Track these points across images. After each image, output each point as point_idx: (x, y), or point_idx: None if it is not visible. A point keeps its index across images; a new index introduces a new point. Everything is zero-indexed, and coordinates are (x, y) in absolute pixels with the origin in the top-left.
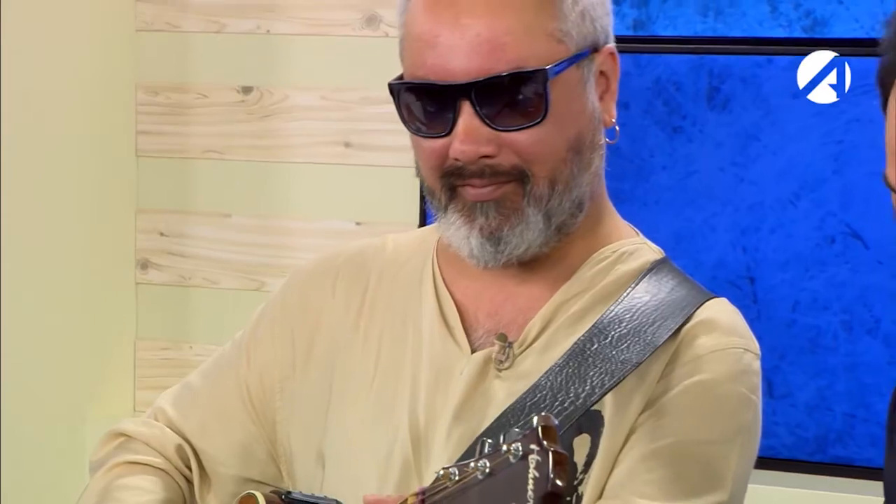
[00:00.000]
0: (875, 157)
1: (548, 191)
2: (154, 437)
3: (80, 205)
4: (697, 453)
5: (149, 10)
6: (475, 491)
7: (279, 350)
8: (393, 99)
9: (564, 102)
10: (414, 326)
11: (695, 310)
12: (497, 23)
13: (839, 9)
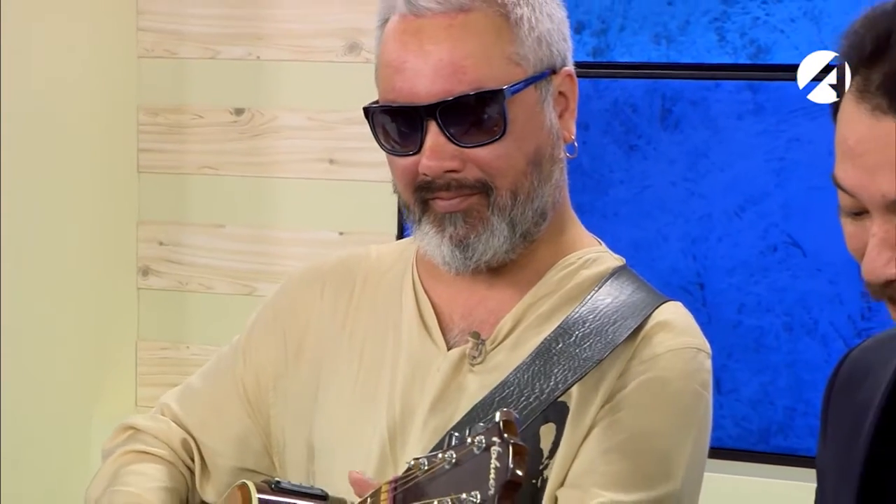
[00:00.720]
0: (813, 173)
1: (510, 201)
2: (161, 430)
3: (87, 216)
4: (653, 446)
5: (149, 38)
6: (442, 479)
7: (272, 351)
8: (368, 121)
9: (523, 120)
10: (395, 327)
11: (652, 311)
12: (458, 48)
13: (780, 37)
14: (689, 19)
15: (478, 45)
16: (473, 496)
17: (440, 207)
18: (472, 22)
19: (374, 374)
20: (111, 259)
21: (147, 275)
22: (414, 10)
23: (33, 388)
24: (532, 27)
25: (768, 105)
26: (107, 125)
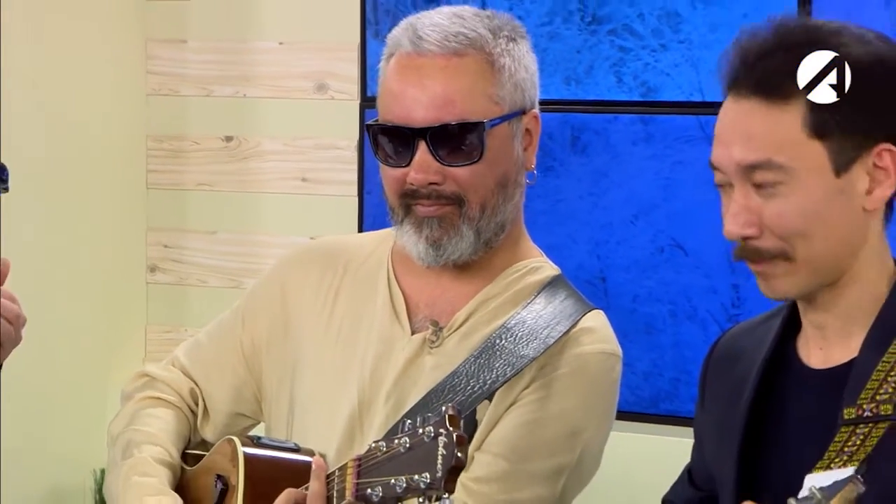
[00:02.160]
0: (693, 189)
1: (479, 213)
2: (172, 380)
3: (105, 224)
4: (561, 425)
5: (156, 80)
6: (398, 461)
7: (266, 319)
8: (368, 136)
9: (496, 149)
10: (369, 310)
11: (580, 318)
12: (450, 85)
13: (667, 80)
14: (592, 65)
15: (467, 84)
16: (424, 477)
17: (420, 212)
18: (464, 65)
19: (349, 348)
20: (125, 259)
21: (154, 272)
22: (417, 49)
23: (62, 362)
24: (511, 74)
25: (656, 134)
26: (121, 150)
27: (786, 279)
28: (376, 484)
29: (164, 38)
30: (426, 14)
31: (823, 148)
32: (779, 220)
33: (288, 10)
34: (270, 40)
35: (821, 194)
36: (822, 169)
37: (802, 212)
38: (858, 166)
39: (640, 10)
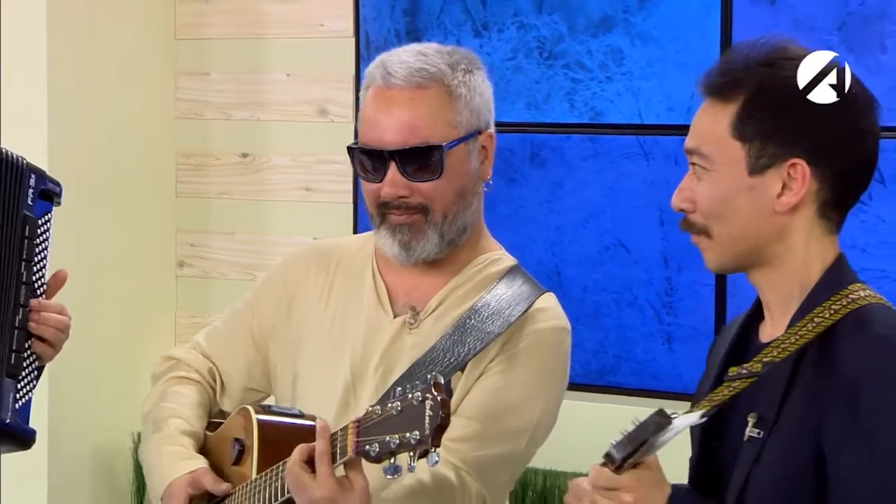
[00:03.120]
0: (633, 197)
1: (441, 220)
2: (194, 361)
3: (142, 226)
4: (522, 391)
5: (184, 106)
6: (391, 422)
7: (272, 308)
8: (349, 156)
9: (454, 166)
10: (358, 298)
11: (535, 299)
12: (415, 113)
13: (611, 106)
14: (549, 93)
15: (428, 113)
16: (415, 435)
17: (393, 220)
18: (427, 96)
19: (342, 329)
20: (158, 256)
21: (182, 266)
22: (387, 83)
23: (106, 342)
24: (467, 102)
25: (602, 151)
26: (155, 164)
27: (709, 253)
28: (373, 441)
29: (190, 71)
30: (395, 52)
31: (742, 149)
32: (701, 200)
33: (294, 47)
34: (279, 73)
35: (732, 186)
36: (738, 166)
37: (715, 197)
38: (773, 172)
39: (588, 47)
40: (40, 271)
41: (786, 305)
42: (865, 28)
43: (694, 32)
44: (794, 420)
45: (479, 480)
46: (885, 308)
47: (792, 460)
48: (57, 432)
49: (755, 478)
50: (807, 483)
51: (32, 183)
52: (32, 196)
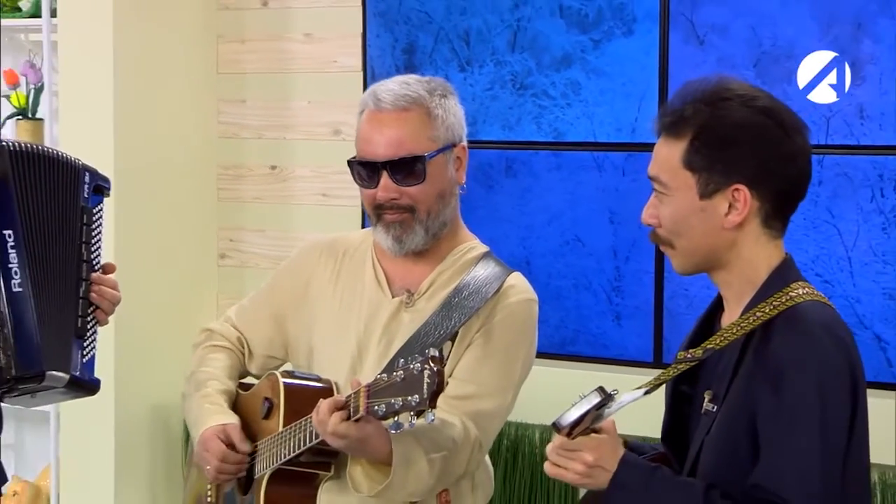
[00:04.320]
0: (589, 202)
1: (426, 217)
2: (226, 331)
3: (189, 225)
4: (504, 356)
5: (224, 127)
6: (396, 387)
7: (289, 291)
8: (349, 167)
9: (435, 173)
10: (361, 283)
11: (506, 278)
12: (401, 131)
13: (571, 127)
14: (521, 117)
15: (411, 130)
16: (415, 398)
17: (387, 219)
18: (410, 117)
19: (349, 309)
20: (203, 249)
21: (223, 258)
22: (378, 108)
23: (162, 318)
24: (443, 121)
25: (564, 164)
26: (201, 174)
27: (674, 260)
28: (381, 403)
29: (230, 98)
30: (383, 82)
31: (693, 178)
32: (663, 219)
33: (313, 80)
34: (302, 100)
35: (687, 209)
36: (690, 191)
37: (674, 217)
38: (720, 196)
39: (552, 80)
40: (97, 251)
41: (739, 299)
42: (776, 64)
43: (637, 68)
44: (737, 398)
45: (476, 429)
46: (817, 305)
47: (733, 432)
48: (122, 391)
49: (706, 447)
50: (744, 452)
51: (87, 180)
52: (87, 190)
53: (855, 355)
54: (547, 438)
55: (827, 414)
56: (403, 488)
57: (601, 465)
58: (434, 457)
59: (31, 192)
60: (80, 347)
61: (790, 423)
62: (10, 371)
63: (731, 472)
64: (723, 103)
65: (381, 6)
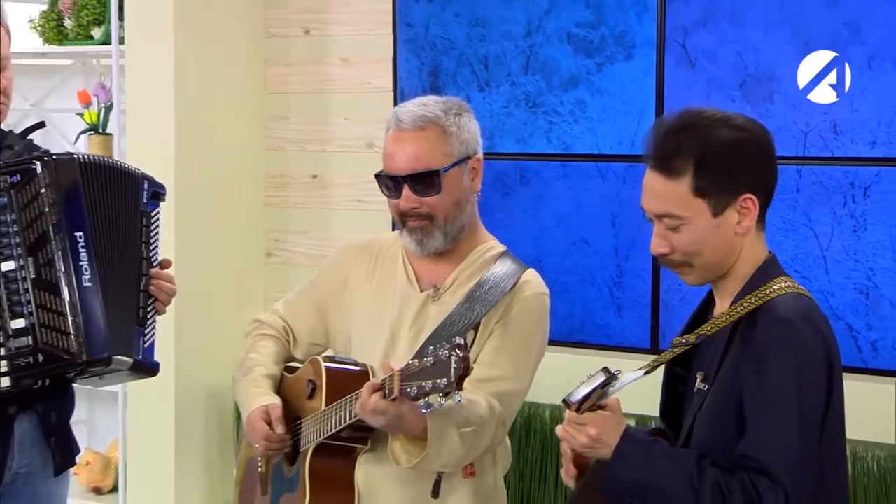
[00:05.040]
0: (594, 205)
1: (444, 223)
2: (273, 321)
3: (241, 227)
4: (521, 344)
5: (271, 141)
6: (426, 371)
7: (330, 286)
8: (377, 180)
9: (450, 184)
10: (393, 279)
11: (521, 274)
12: (419, 147)
13: (577, 141)
14: (533, 132)
15: (429, 146)
16: (443, 381)
17: (410, 225)
18: (427, 135)
19: (383, 301)
20: (252, 248)
21: (270, 256)
22: (399, 127)
23: (216, 310)
24: (458, 136)
25: (571, 173)
26: (251, 182)
27: (690, 276)
28: (413, 385)
29: (276, 115)
30: (405, 104)
31: (704, 202)
32: (681, 246)
33: (350, 99)
34: (339, 117)
35: (705, 230)
36: (705, 214)
37: (694, 241)
38: (730, 209)
39: (561, 99)
40: (154, 250)
41: (730, 293)
42: (759, 86)
43: (636, 88)
44: (725, 379)
45: (500, 406)
46: (797, 297)
47: (722, 409)
48: (181, 374)
49: (698, 422)
50: (732, 426)
51: (146, 187)
52: (146, 196)
53: (831, 341)
54: (556, 416)
55: (803, 393)
56: (437, 459)
57: (603, 438)
58: (465, 431)
59: (98, 198)
60: (142, 335)
61: (771, 401)
62: (82, 356)
63: (721, 443)
64: (707, 130)
65: (409, 34)
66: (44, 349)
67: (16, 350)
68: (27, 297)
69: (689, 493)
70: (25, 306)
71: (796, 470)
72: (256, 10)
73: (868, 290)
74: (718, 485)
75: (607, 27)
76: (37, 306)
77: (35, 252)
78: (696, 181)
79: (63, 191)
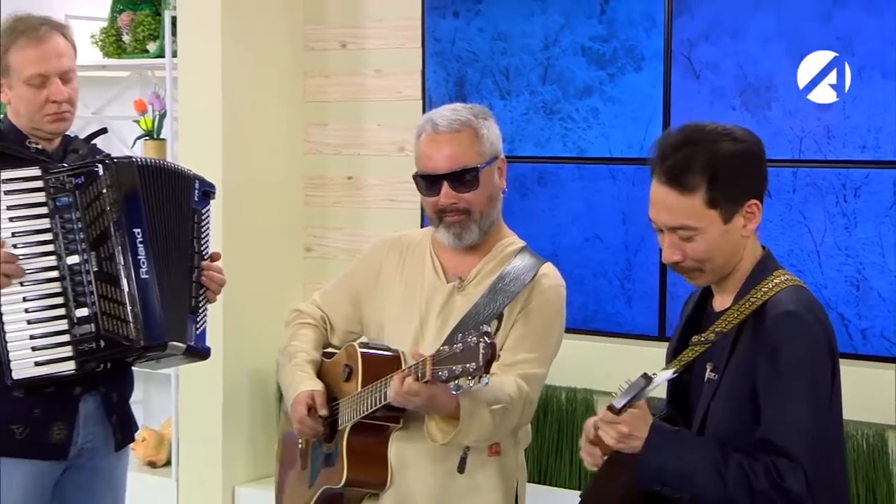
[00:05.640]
0: (606, 205)
1: (479, 217)
2: (312, 311)
3: (282, 224)
4: (542, 332)
5: (310, 145)
6: (455, 357)
7: (363, 278)
8: (414, 181)
9: (485, 181)
10: (421, 272)
11: (540, 267)
12: (455, 148)
13: (591, 145)
14: (550, 137)
15: (465, 147)
16: (472, 366)
17: (448, 221)
18: (461, 136)
19: (412, 292)
20: (293, 243)
21: (308, 251)
22: (436, 130)
23: (260, 300)
24: (487, 138)
25: (586, 174)
26: (291, 183)
27: (701, 279)
28: (444, 369)
29: (315, 122)
30: (437, 110)
31: (716, 212)
32: (694, 254)
33: (382, 107)
34: (373, 123)
35: (717, 237)
36: (716, 223)
37: (708, 248)
38: (738, 215)
39: (576, 107)
40: (205, 243)
41: (732, 288)
42: (757, 95)
43: (645, 97)
44: (738, 368)
45: (528, 388)
46: (798, 290)
47: (736, 398)
48: (228, 358)
49: (712, 410)
50: (747, 413)
51: (197, 186)
52: (198, 195)
53: (829, 328)
54: (571, 398)
55: (814, 378)
56: (469, 435)
57: (634, 433)
58: (495, 408)
59: (155, 198)
60: (194, 322)
61: (787, 388)
62: (140, 342)
63: (736, 428)
64: (713, 144)
65: (437, 48)
66: (105, 336)
67: (80, 336)
68: (90, 288)
69: (716, 477)
70: (89, 297)
71: (813, 450)
72: (297, 25)
73: (858, 283)
74: (742, 468)
75: (618, 41)
76: (99, 297)
77: (97, 247)
78: (709, 194)
79: (123, 191)
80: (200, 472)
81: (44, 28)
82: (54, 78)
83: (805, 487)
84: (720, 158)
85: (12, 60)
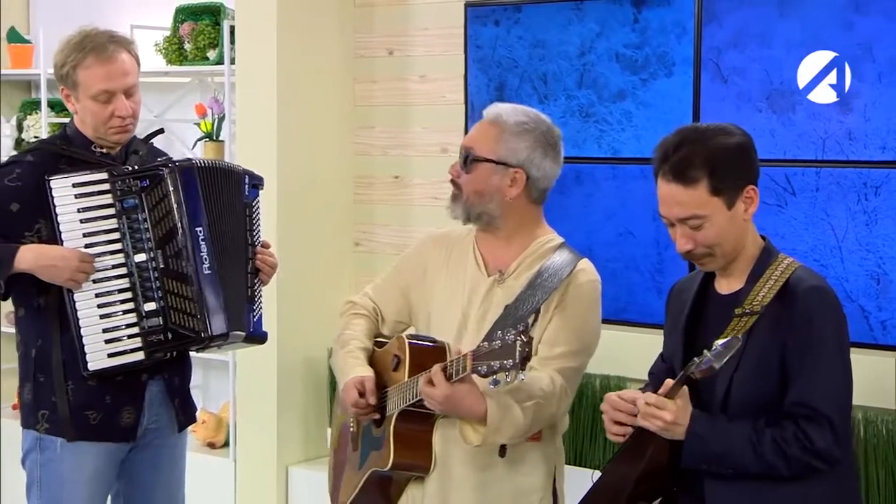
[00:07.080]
0: (637, 203)
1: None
2: (364, 302)
3: (333, 221)
4: (579, 325)
5: (359, 147)
6: (494, 353)
7: (411, 272)
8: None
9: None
10: (464, 266)
11: (577, 263)
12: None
13: (624, 146)
14: (586, 139)
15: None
16: (509, 362)
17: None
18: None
19: (455, 285)
20: (343, 239)
21: (358, 246)
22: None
23: (312, 292)
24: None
25: (619, 175)
26: (342, 182)
27: (712, 264)
28: (483, 364)
29: (363, 125)
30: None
31: (720, 199)
32: (705, 240)
33: (427, 111)
34: (418, 126)
35: (723, 223)
36: (722, 210)
37: (717, 234)
38: (739, 201)
39: (610, 110)
40: (257, 234)
41: (738, 270)
42: (782, 98)
43: (676, 101)
44: (762, 341)
45: (562, 379)
46: (809, 269)
47: (763, 365)
48: (282, 346)
49: (737, 379)
50: (773, 381)
51: (247, 181)
52: (248, 189)
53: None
54: (605, 385)
55: (842, 344)
56: (501, 433)
57: (677, 421)
58: (526, 405)
59: (213, 196)
60: (251, 309)
61: (819, 354)
62: (204, 333)
63: (763, 397)
64: (709, 140)
65: (478, 54)
66: (172, 328)
67: (149, 328)
68: (157, 284)
69: (752, 452)
70: (156, 292)
71: (843, 406)
72: (346, 34)
73: (878, 277)
74: (774, 440)
75: (651, 48)
76: (166, 292)
77: (163, 245)
78: (711, 184)
79: (185, 192)
80: (256, 452)
81: (111, 47)
82: (119, 94)
83: (833, 442)
84: (717, 151)
85: (80, 77)
